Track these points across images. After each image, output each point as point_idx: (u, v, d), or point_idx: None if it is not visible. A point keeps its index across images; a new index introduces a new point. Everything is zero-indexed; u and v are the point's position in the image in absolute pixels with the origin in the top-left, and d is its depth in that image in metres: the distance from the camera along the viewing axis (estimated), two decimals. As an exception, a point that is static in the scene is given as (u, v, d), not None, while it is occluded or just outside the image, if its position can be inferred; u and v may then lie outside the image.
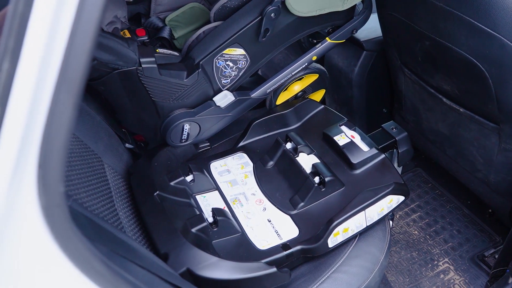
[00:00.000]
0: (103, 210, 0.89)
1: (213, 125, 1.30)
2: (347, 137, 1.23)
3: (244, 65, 1.27)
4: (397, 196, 1.11)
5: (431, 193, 1.79)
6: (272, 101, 1.46)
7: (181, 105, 1.25)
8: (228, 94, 1.29)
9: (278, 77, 1.34)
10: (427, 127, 1.54)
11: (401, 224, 1.69)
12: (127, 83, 1.17)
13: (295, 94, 1.50)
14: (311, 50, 1.35)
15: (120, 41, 1.10)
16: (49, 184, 0.41)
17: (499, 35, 1.01)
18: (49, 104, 0.39)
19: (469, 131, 1.33)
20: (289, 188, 1.17)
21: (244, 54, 1.24)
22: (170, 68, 1.19)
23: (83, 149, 1.03)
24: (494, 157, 1.31)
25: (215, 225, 1.05)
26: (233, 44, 1.21)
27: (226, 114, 1.30)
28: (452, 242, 1.62)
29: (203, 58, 1.21)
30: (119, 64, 1.11)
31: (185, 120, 1.24)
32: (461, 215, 1.70)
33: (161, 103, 1.22)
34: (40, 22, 0.38)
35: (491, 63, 1.07)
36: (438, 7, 1.10)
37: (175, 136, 1.26)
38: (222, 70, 1.25)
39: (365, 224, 1.09)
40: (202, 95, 1.27)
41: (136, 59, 1.12)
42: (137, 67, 1.13)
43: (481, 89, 1.16)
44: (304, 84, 1.50)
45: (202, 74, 1.22)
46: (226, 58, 1.23)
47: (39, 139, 0.39)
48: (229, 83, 1.29)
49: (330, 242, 1.04)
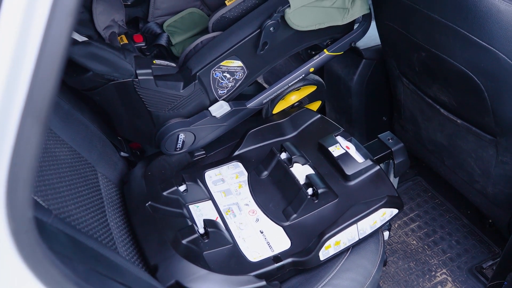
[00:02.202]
0: (92, 222, 0.90)
1: (208, 134, 1.30)
2: (342, 148, 1.22)
3: (241, 76, 1.26)
4: (390, 209, 1.10)
5: (431, 202, 1.77)
6: (269, 110, 1.45)
7: (176, 114, 1.25)
8: (224, 104, 1.29)
9: (274, 88, 1.33)
10: (426, 137, 1.53)
11: (399, 234, 1.68)
12: (123, 94, 1.17)
13: (292, 104, 1.49)
14: (309, 61, 1.34)
15: (116, 52, 1.09)
16: (17, 211, 0.41)
17: (494, 49, 1.00)
18: (16, 131, 0.39)
19: (466, 143, 1.32)
20: (283, 199, 1.16)
21: (242, 66, 1.24)
22: (167, 79, 1.19)
23: (76, 158, 1.03)
24: (492, 169, 1.29)
25: (206, 236, 1.05)
26: (231, 56, 1.21)
27: (221, 124, 1.30)
28: (450, 253, 1.60)
29: (200, 69, 1.21)
30: (115, 76, 1.11)
31: (180, 130, 1.24)
32: (460, 225, 1.69)
33: (156, 113, 1.22)
34: (4, 47, 0.38)
35: (487, 76, 1.06)
36: (434, 19, 1.09)
37: (169, 145, 1.26)
38: (219, 81, 1.24)
39: (358, 237, 1.08)
40: (198, 105, 1.26)
41: (133, 71, 1.12)
42: (133, 78, 1.13)
43: (477, 102, 1.15)
44: (301, 95, 1.49)
45: (199, 85, 1.22)
46: (223, 69, 1.22)
47: (6, 166, 0.39)
48: (225, 93, 1.28)
49: (321, 255, 1.04)
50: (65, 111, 1.13)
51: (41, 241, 0.46)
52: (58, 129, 1.02)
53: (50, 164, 0.87)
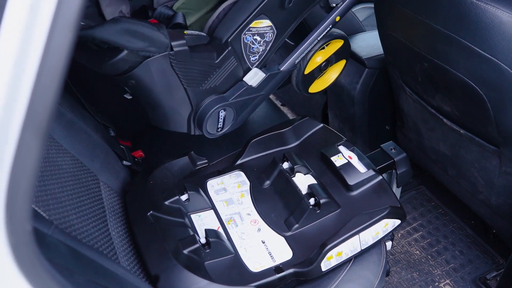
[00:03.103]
0: (93, 231, 0.90)
1: (247, 107, 1.28)
2: (344, 157, 1.22)
3: (271, 37, 1.23)
4: (393, 220, 1.10)
5: (434, 211, 1.76)
6: (301, 71, 1.39)
7: (212, 90, 1.21)
8: (258, 71, 1.26)
9: (304, 45, 1.31)
10: (428, 146, 1.52)
11: (402, 244, 1.67)
12: (159, 71, 1.11)
13: (319, 65, 1.45)
14: (334, 10, 1.31)
15: (149, 25, 1.04)
16: (16, 223, 0.41)
17: (497, 60, 1.00)
18: (15, 145, 0.39)
19: (470, 153, 1.32)
20: (285, 209, 1.16)
21: (271, 26, 1.20)
22: (200, 50, 1.14)
23: (78, 167, 1.03)
24: (495, 180, 1.29)
25: (207, 246, 1.04)
26: (259, 16, 1.17)
27: (258, 93, 1.28)
28: (454, 263, 1.59)
29: (231, 35, 1.16)
30: (151, 50, 1.05)
31: (220, 106, 1.20)
32: (464, 235, 1.68)
33: (193, 90, 1.18)
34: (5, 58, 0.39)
35: (489, 87, 1.05)
36: (436, 30, 1.09)
37: (211, 125, 1.23)
38: (250, 46, 1.21)
39: (360, 248, 1.07)
40: (232, 77, 1.23)
41: (168, 43, 1.06)
42: (169, 51, 1.08)
43: (480, 112, 1.14)
44: (328, 53, 1.46)
45: (232, 53, 1.18)
46: (253, 32, 1.18)
47: (6, 180, 0.40)
48: (257, 59, 1.25)
49: (323, 265, 1.03)
50: (67, 119, 1.13)
51: (40, 253, 0.46)
52: (60, 138, 1.02)
53: (52, 173, 0.87)
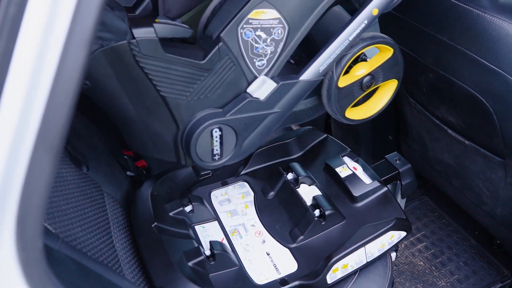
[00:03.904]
0: (98, 244, 0.89)
1: (254, 129, 0.97)
2: (349, 168, 1.21)
3: (281, 34, 0.92)
4: (399, 232, 1.09)
5: (438, 222, 1.75)
6: (333, 81, 1.03)
7: (203, 103, 0.92)
8: (266, 79, 0.95)
9: (332, 46, 0.98)
10: (433, 157, 1.52)
11: (406, 254, 1.66)
12: (120, 68, 0.83)
13: (360, 78, 1.08)
14: (368, 1, 0.98)
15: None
16: (27, 241, 0.41)
17: (503, 72, 1.00)
18: (28, 162, 0.38)
19: (475, 164, 1.31)
20: (289, 220, 1.15)
21: (279, 18, 0.90)
22: (179, 45, 0.89)
23: (82, 178, 1.03)
24: (501, 191, 1.28)
25: (212, 258, 1.04)
26: (260, 3, 0.88)
27: (269, 110, 0.96)
28: (458, 275, 1.58)
29: (223, 29, 0.88)
30: (103, 36, 0.77)
31: (212, 122, 0.91)
32: (468, 246, 1.67)
33: (175, 101, 0.89)
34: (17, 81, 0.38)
35: (495, 99, 1.05)
36: (442, 42, 1.10)
37: (203, 150, 0.93)
38: (253, 46, 0.91)
39: (365, 260, 1.07)
40: (231, 87, 0.93)
41: (126, 28, 0.79)
42: (129, 40, 0.80)
43: (486, 124, 1.14)
44: (372, 65, 1.09)
45: (226, 51, 0.89)
46: (254, 25, 0.89)
47: (18, 197, 0.39)
48: (265, 65, 0.94)
49: (328, 278, 1.02)
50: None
51: (50, 270, 0.45)
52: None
53: (56, 184, 0.87)
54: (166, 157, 1.00)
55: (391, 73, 1.11)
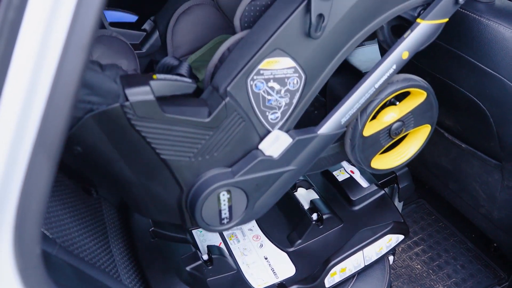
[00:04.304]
0: (95, 249, 0.88)
1: (267, 189, 0.87)
2: (347, 172, 1.22)
3: (297, 84, 0.82)
4: (396, 235, 1.09)
5: (435, 225, 1.75)
6: (356, 134, 0.94)
7: (209, 163, 0.82)
8: (280, 135, 0.85)
9: (354, 95, 0.89)
10: (430, 160, 1.52)
11: (403, 258, 1.66)
12: (114, 134, 0.74)
13: (388, 127, 0.97)
14: (399, 41, 0.88)
15: (89, 64, 0.68)
16: (25, 246, 0.41)
17: (500, 75, 1.00)
18: (26, 167, 0.38)
19: (471, 167, 1.31)
20: (287, 224, 1.15)
21: (294, 67, 0.80)
22: (181, 103, 0.77)
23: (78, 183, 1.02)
24: (497, 194, 1.28)
25: (210, 263, 1.03)
26: (273, 52, 0.78)
27: (285, 168, 0.86)
28: (455, 278, 1.58)
29: (230, 82, 0.78)
30: (92, 100, 0.68)
31: (219, 185, 0.81)
32: (465, 249, 1.67)
33: (176, 162, 0.79)
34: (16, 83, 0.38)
35: (492, 102, 1.06)
36: (439, 46, 1.10)
37: (210, 214, 0.83)
38: (265, 98, 0.81)
39: (363, 264, 1.07)
40: (240, 144, 0.83)
41: (117, 90, 0.70)
42: (122, 103, 0.70)
43: (482, 127, 1.14)
44: (402, 110, 0.98)
45: (234, 106, 0.79)
46: (266, 76, 0.79)
47: (16, 201, 0.39)
48: (279, 118, 0.84)
49: (327, 282, 1.02)
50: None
51: (48, 275, 0.45)
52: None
53: (53, 190, 0.86)
54: (170, 219, 0.92)
55: (423, 118, 1.01)
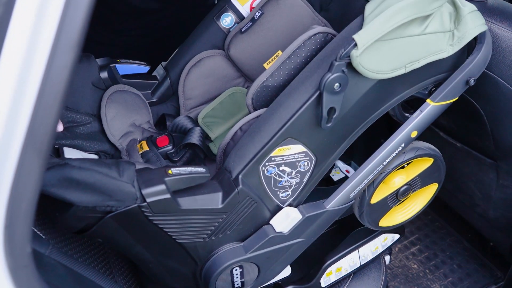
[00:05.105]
0: (89, 250, 0.88)
1: (277, 260, 0.94)
2: (342, 171, 1.22)
3: (308, 167, 0.88)
4: (392, 234, 1.09)
5: (431, 225, 1.76)
6: (363, 204, 1.01)
7: (223, 240, 0.89)
8: (291, 212, 0.90)
9: (363, 173, 0.92)
10: (425, 160, 1.52)
11: (400, 258, 1.66)
12: (132, 228, 0.81)
13: (395, 191, 1.04)
14: (408, 122, 0.93)
15: (104, 170, 0.74)
16: (16, 245, 0.40)
17: (493, 74, 1.00)
18: (16, 165, 0.38)
19: (467, 166, 1.32)
20: (283, 224, 1.15)
21: (305, 151, 0.86)
22: (195, 193, 0.83)
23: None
24: (493, 193, 1.29)
25: (205, 263, 1.03)
26: (284, 140, 0.83)
27: (294, 240, 0.92)
28: (452, 277, 1.58)
29: (243, 169, 0.84)
30: (111, 204, 0.75)
31: (232, 262, 0.88)
32: (461, 248, 1.67)
33: (191, 244, 0.86)
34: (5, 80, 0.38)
35: (486, 101, 1.06)
36: (432, 44, 1.10)
37: (223, 285, 0.91)
38: (276, 180, 0.87)
39: (359, 263, 1.07)
40: (252, 221, 0.89)
41: (135, 193, 0.76)
42: (140, 203, 0.76)
43: (477, 126, 1.15)
44: (410, 174, 1.04)
45: (246, 192, 0.85)
46: (278, 162, 0.85)
47: (5, 200, 0.39)
48: (290, 195, 0.90)
49: (322, 281, 1.02)
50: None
51: (39, 275, 0.45)
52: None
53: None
54: (186, 286, 0.98)
55: (431, 179, 1.07)
